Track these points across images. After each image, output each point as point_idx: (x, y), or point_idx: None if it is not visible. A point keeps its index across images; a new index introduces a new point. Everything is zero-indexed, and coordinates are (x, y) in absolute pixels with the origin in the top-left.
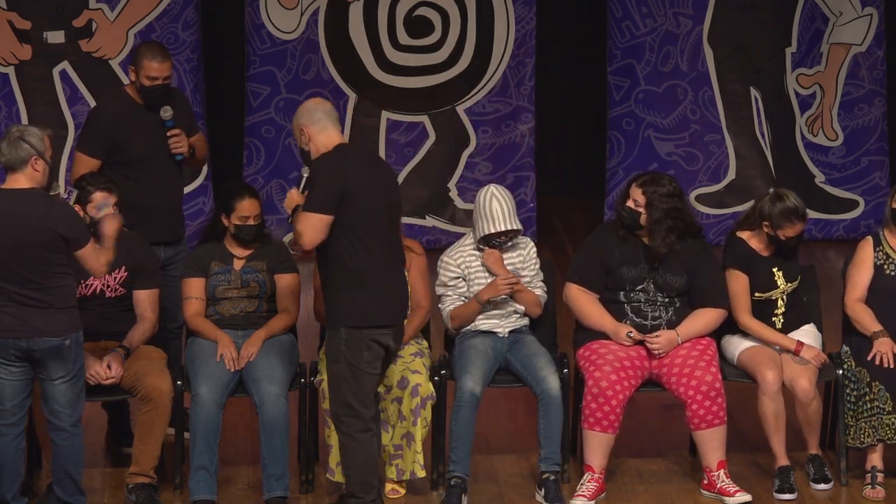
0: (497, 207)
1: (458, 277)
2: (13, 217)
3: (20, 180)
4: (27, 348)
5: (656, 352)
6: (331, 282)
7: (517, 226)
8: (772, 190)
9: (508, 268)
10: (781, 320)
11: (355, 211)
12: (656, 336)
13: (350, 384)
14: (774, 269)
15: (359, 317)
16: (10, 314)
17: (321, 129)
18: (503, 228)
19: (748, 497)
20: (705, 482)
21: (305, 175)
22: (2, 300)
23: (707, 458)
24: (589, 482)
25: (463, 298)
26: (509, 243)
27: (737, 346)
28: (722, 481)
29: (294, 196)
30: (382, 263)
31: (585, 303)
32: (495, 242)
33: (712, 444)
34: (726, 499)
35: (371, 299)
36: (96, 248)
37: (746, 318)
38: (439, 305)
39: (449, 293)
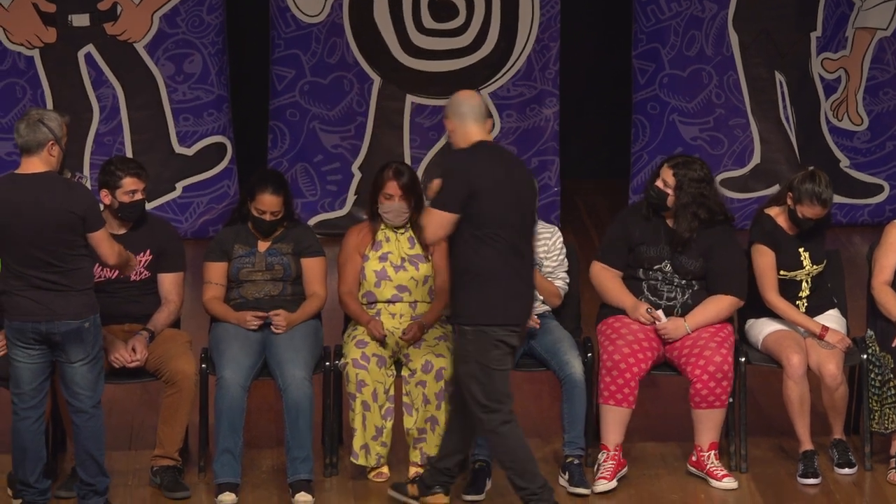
0: None
1: None
2: (34, 201)
3: (35, 163)
4: (46, 332)
5: (665, 337)
6: (457, 278)
7: None
8: (811, 168)
9: None
10: (805, 304)
11: (483, 210)
12: (663, 323)
13: (482, 384)
14: (801, 250)
15: (481, 315)
16: (30, 298)
17: (461, 122)
18: None
19: (734, 484)
20: (694, 459)
21: None
22: (21, 285)
23: (700, 437)
24: (605, 462)
25: None
26: None
27: (761, 329)
28: (711, 463)
29: (437, 186)
30: (509, 263)
31: (606, 279)
32: None
33: (708, 424)
34: (713, 481)
35: (494, 298)
36: (110, 237)
37: (773, 296)
38: None
39: None
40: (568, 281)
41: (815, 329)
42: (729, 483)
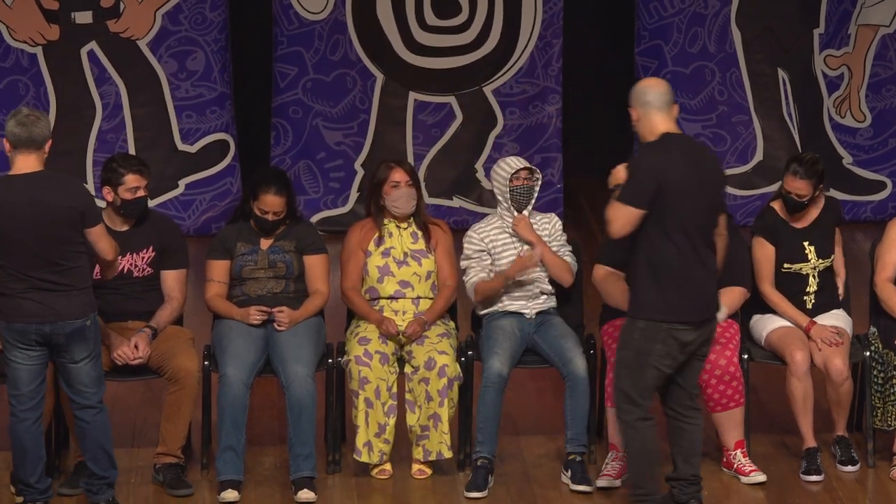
0: (510, 158)
1: (482, 251)
2: (32, 201)
3: (32, 161)
4: (50, 332)
5: None
6: (635, 270)
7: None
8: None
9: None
10: (813, 300)
11: (668, 206)
12: None
13: (632, 373)
14: (805, 243)
15: (658, 311)
16: (33, 300)
17: (646, 112)
18: (522, 165)
19: (763, 477)
20: (724, 460)
21: None
22: (23, 287)
23: (724, 438)
24: (613, 461)
25: (487, 271)
26: (535, 192)
27: (766, 326)
28: (738, 461)
29: (620, 172)
30: (690, 260)
31: (612, 282)
32: (519, 191)
33: (728, 424)
34: (741, 478)
35: (671, 294)
36: (107, 232)
37: (767, 288)
38: (463, 278)
39: (473, 265)
40: (575, 260)
41: (802, 323)
42: (757, 477)
